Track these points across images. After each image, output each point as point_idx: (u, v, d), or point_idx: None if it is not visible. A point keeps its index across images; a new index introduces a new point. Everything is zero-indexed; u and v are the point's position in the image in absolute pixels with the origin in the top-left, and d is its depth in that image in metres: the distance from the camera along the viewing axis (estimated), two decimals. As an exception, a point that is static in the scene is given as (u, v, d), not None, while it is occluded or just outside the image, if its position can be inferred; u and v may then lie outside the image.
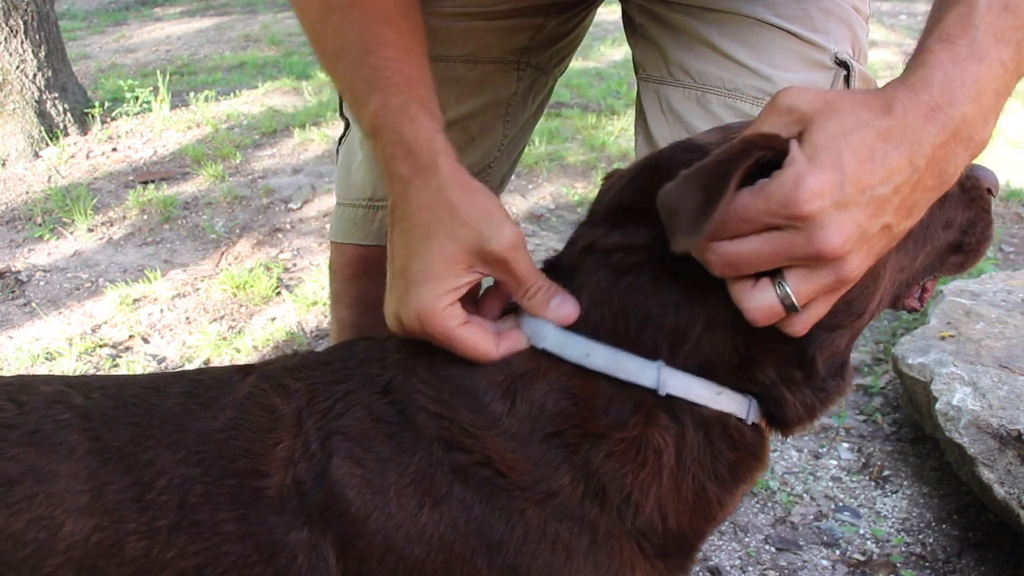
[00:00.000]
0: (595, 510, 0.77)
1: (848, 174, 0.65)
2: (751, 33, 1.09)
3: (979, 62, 0.68)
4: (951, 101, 0.67)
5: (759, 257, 0.68)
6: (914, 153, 0.66)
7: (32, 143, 3.97)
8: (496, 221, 0.81)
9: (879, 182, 0.66)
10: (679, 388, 0.77)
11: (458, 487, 0.76)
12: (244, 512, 0.77)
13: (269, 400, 0.83)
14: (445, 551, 0.75)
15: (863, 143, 0.66)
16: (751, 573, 1.72)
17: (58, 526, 0.76)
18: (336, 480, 0.77)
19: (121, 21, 7.63)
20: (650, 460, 0.77)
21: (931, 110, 0.67)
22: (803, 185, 0.64)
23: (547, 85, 1.35)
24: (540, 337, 0.80)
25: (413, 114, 0.86)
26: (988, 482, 1.64)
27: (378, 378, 0.82)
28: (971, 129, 0.68)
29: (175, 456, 0.79)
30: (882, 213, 0.67)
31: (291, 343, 2.55)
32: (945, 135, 0.67)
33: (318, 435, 0.79)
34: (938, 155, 0.67)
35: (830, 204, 0.64)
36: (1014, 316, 2.12)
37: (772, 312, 0.70)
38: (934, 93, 0.67)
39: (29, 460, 0.78)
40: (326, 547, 0.76)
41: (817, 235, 0.65)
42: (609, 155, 4.05)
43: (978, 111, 0.68)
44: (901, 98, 0.67)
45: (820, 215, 0.64)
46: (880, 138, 0.66)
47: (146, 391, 0.85)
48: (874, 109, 0.67)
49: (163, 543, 0.76)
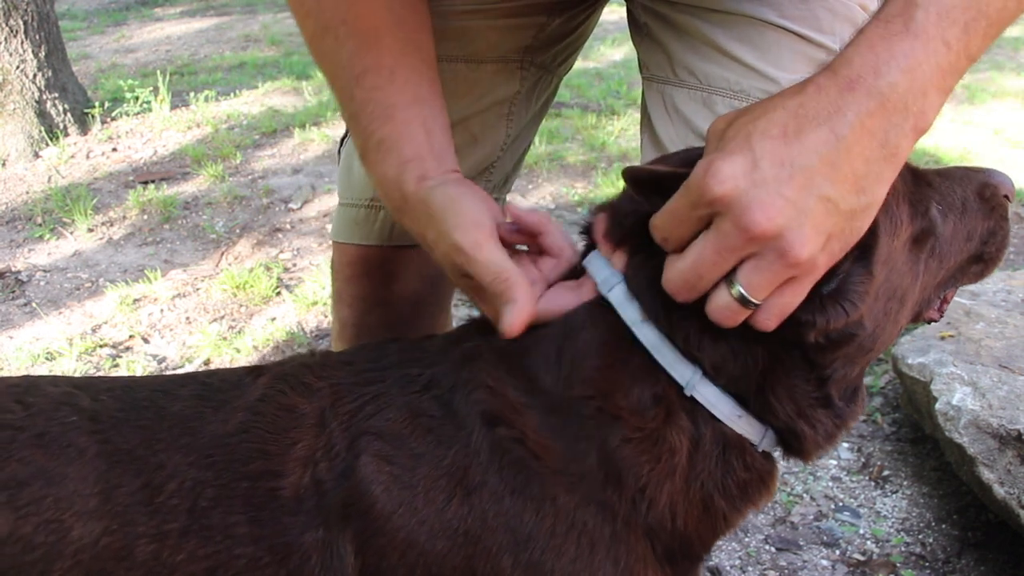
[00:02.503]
0: (615, 496, 0.76)
1: (760, 152, 0.65)
2: (756, 34, 1.09)
3: (914, 37, 0.66)
4: (876, 72, 0.66)
5: (704, 263, 0.68)
6: (834, 123, 0.65)
7: (32, 143, 3.97)
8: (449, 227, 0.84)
9: (798, 155, 0.64)
10: (704, 396, 0.77)
11: (492, 476, 0.75)
12: (257, 514, 0.77)
13: (288, 399, 0.82)
14: (469, 545, 0.75)
15: (772, 123, 0.66)
16: (751, 573, 1.72)
17: (67, 529, 0.75)
18: (362, 478, 0.76)
19: (121, 21, 7.63)
20: (664, 457, 0.77)
21: (850, 82, 0.66)
22: (712, 168, 0.65)
23: (551, 84, 1.35)
24: (609, 285, 0.79)
25: (384, 153, 0.91)
26: (988, 482, 1.64)
27: (419, 377, 0.82)
28: (905, 99, 0.66)
29: (186, 459, 0.78)
30: (811, 184, 0.65)
31: (291, 343, 2.55)
32: (872, 104, 0.65)
33: (344, 435, 0.79)
34: (869, 124, 0.65)
35: (746, 183, 0.64)
36: (1014, 316, 2.12)
37: (730, 311, 0.69)
38: (854, 68, 0.66)
39: (37, 463, 0.77)
40: (344, 545, 0.76)
41: (742, 217, 0.64)
42: (609, 155, 4.05)
43: (912, 82, 0.66)
44: (816, 79, 0.68)
45: (738, 194, 0.64)
46: (791, 116, 0.66)
47: (155, 393, 0.84)
48: (785, 94, 0.68)
49: (173, 546, 0.76)
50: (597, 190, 3.64)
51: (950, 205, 0.83)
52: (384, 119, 0.92)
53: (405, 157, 0.90)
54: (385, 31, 0.93)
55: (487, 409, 0.77)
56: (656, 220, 0.72)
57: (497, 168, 1.34)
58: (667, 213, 0.70)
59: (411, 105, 0.93)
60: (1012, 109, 5.13)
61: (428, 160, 0.90)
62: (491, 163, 1.32)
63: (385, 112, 0.92)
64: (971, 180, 0.86)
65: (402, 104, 0.92)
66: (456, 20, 1.17)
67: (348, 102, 0.95)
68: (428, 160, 0.90)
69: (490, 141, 1.30)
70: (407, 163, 0.90)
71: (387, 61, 0.93)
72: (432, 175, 0.89)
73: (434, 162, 0.91)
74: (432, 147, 0.92)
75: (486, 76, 1.23)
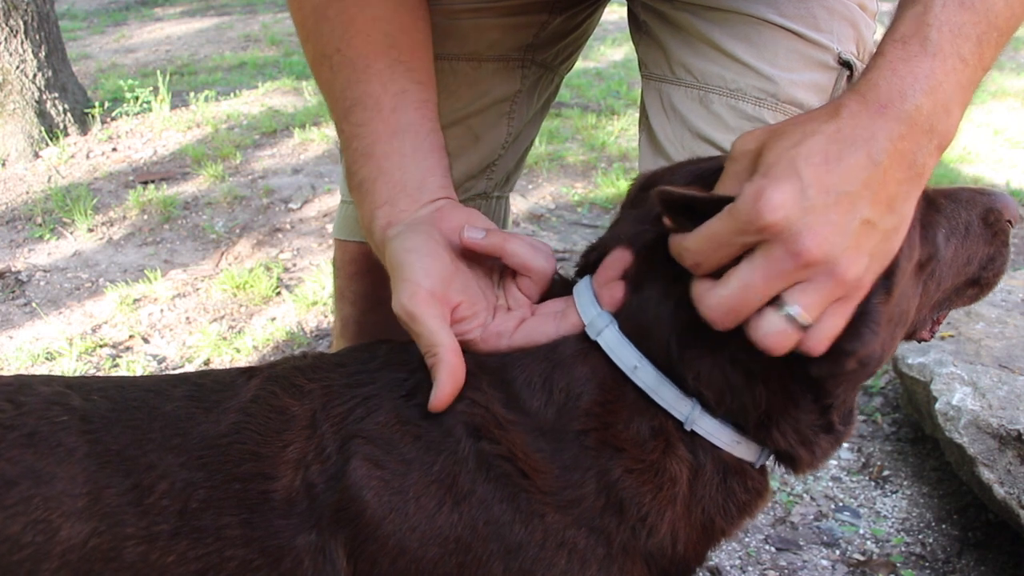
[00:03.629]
0: (613, 523, 0.76)
1: (807, 179, 0.65)
2: (754, 32, 1.09)
3: (932, 57, 0.68)
4: (902, 96, 0.67)
5: (751, 288, 0.67)
6: (871, 148, 0.66)
7: (32, 143, 3.97)
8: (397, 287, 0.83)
9: (841, 180, 0.66)
10: (704, 428, 0.77)
11: (480, 485, 0.75)
12: (249, 516, 0.76)
13: (280, 401, 0.81)
14: (461, 553, 0.74)
15: (814, 148, 0.66)
16: (751, 573, 1.72)
17: (55, 530, 0.74)
18: (354, 483, 0.75)
19: (121, 21, 7.63)
20: (666, 486, 0.77)
21: (881, 107, 0.67)
22: (764, 197, 0.64)
23: (552, 83, 1.35)
24: (596, 329, 0.78)
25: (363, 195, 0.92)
26: (988, 482, 1.64)
27: (405, 381, 0.81)
28: (930, 120, 0.68)
29: (177, 460, 0.78)
30: (855, 208, 0.66)
31: (291, 343, 2.55)
32: (902, 128, 0.67)
33: (335, 438, 0.78)
34: (900, 147, 0.67)
35: (797, 210, 0.65)
36: (1014, 316, 2.12)
37: (785, 336, 0.68)
38: (881, 92, 0.68)
39: (27, 462, 0.77)
40: (336, 550, 0.75)
41: (794, 242, 0.65)
42: (609, 155, 4.05)
43: (935, 103, 0.68)
44: (847, 103, 0.69)
45: (790, 222, 0.64)
46: (830, 141, 0.67)
47: (147, 394, 0.84)
48: (819, 118, 0.68)
49: (163, 548, 0.75)
50: (597, 190, 3.64)
51: (954, 229, 0.83)
52: (365, 157, 0.92)
53: (377, 202, 0.90)
54: (376, 56, 0.93)
55: (470, 421, 0.77)
56: (690, 244, 0.70)
57: (499, 166, 1.34)
58: (705, 238, 0.69)
59: (393, 137, 0.92)
60: (1012, 109, 5.12)
61: (399, 201, 0.89)
62: (493, 161, 1.32)
63: (367, 149, 0.92)
64: (976, 204, 0.86)
65: (384, 137, 0.92)
66: (458, 19, 1.17)
67: (339, 135, 0.96)
68: (399, 201, 0.89)
69: (491, 139, 1.30)
70: (377, 209, 0.89)
71: (375, 90, 0.92)
72: (398, 220, 0.88)
73: (406, 200, 0.89)
74: (406, 183, 0.90)
75: (487, 74, 1.24)
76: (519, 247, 0.84)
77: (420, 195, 0.89)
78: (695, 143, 1.12)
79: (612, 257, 0.81)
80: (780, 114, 1.08)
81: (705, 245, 0.69)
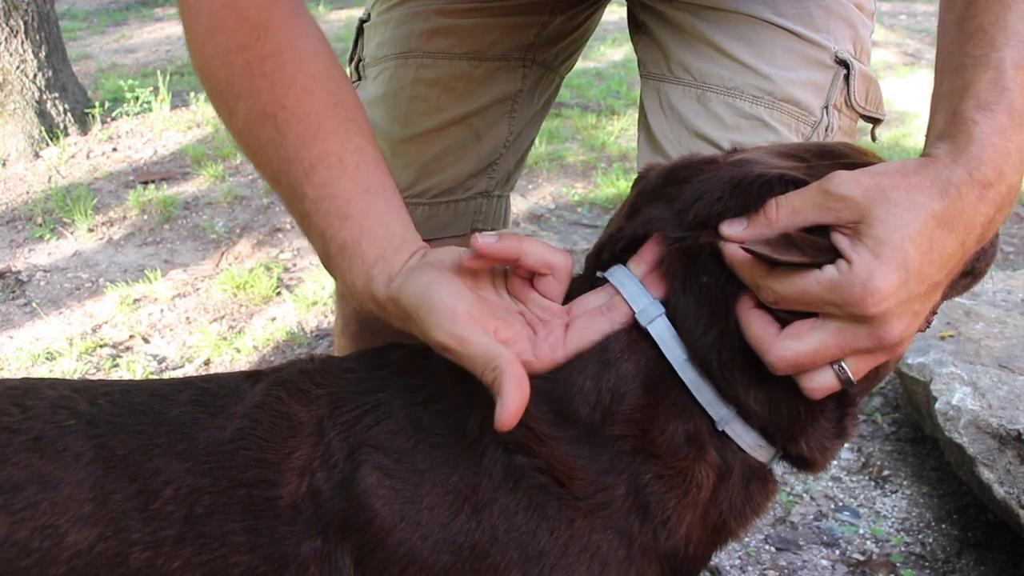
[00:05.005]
0: (636, 525, 0.76)
1: (912, 270, 0.66)
2: (752, 32, 1.09)
3: (1019, 129, 0.67)
4: (1000, 176, 0.67)
5: (824, 352, 0.69)
6: (967, 235, 0.67)
7: (32, 143, 3.97)
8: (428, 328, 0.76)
9: (936, 271, 0.67)
10: (734, 431, 0.77)
11: (503, 494, 0.74)
12: (254, 522, 0.76)
13: (286, 407, 0.80)
14: (476, 560, 0.73)
15: (923, 233, 0.66)
16: (751, 573, 1.72)
17: (62, 535, 0.75)
18: (363, 491, 0.75)
19: (121, 21, 7.63)
20: (692, 492, 0.77)
21: (983, 188, 0.67)
22: (871, 286, 0.65)
23: (553, 82, 1.36)
24: (649, 316, 0.76)
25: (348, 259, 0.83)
26: (988, 482, 1.64)
27: (422, 388, 0.80)
28: (1014, 198, 0.69)
29: (183, 465, 0.78)
30: (934, 295, 0.69)
31: (291, 343, 2.55)
32: (993, 210, 0.68)
33: (343, 445, 0.77)
34: (985, 231, 0.69)
35: (896, 303, 0.66)
36: (1014, 316, 2.12)
37: (831, 389, 0.72)
38: (986, 171, 0.67)
39: (33, 466, 0.77)
40: (343, 558, 0.75)
41: (882, 330, 0.67)
42: (609, 155, 4.05)
43: (1019, 175, 0.68)
44: (956, 180, 0.67)
45: (887, 314, 0.66)
46: (938, 225, 0.66)
47: (152, 398, 0.84)
48: (929, 192, 0.67)
49: (168, 554, 0.75)
50: (597, 190, 3.64)
51: None
52: (341, 219, 0.84)
53: (369, 261, 0.82)
54: (326, 115, 0.85)
55: (508, 439, 0.75)
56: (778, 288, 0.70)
57: (500, 165, 1.34)
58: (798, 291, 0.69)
59: (364, 195, 0.85)
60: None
61: (391, 256, 0.83)
62: (494, 160, 1.33)
63: (340, 211, 0.84)
64: None
65: (356, 196, 0.85)
66: (460, 18, 1.18)
67: (298, 201, 0.86)
68: (391, 256, 0.83)
69: (492, 138, 1.30)
70: (372, 267, 0.82)
71: (334, 147, 0.85)
72: (397, 270, 0.82)
73: (396, 254, 0.83)
74: (391, 239, 0.84)
75: (489, 73, 1.24)
76: (536, 245, 0.80)
77: (405, 248, 0.84)
78: (692, 141, 1.12)
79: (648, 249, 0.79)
80: (777, 112, 1.09)
81: (794, 296, 0.69)
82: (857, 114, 1.14)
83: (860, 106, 1.13)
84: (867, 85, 1.13)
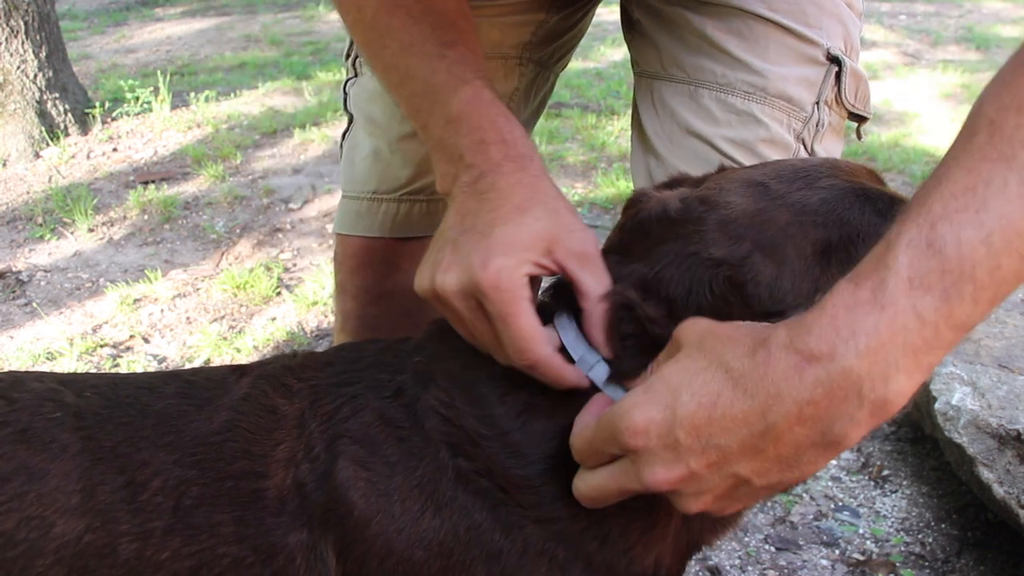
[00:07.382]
0: (595, 546, 0.76)
1: (681, 417, 0.60)
2: (745, 27, 1.10)
3: (881, 311, 0.55)
4: (831, 354, 0.56)
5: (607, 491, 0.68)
6: (769, 407, 0.58)
7: (33, 143, 3.97)
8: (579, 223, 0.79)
9: (718, 432, 0.59)
10: None
11: (461, 493, 0.75)
12: (241, 513, 0.76)
13: (270, 400, 0.82)
14: (444, 557, 0.75)
15: (708, 385, 0.60)
16: (751, 573, 1.72)
17: (49, 526, 0.75)
18: (341, 483, 0.76)
19: (121, 21, 7.63)
20: (660, 522, 0.77)
21: (802, 361, 0.57)
22: (628, 419, 0.62)
23: (548, 81, 1.36)
24: (587, 365, 0.74)
25: (504, 111, 0.86)
26: (987, 482, 1.64)
27: (390, 382, 0.81)
28: (859, 386, 0.56)
29: (170, 457, 0.78)
30: (725, 464, 0.60)
31: (291, 343, 2.56)
32: (817, 392, 0.57)
33: (323, 437, 0.78)
34: (808, 412, 0.57)
35: (657, 443, 0.61)
36: (1013, 316, 2.12)
37: None
38: (811, 343, 0.57)
39: (20, 458, 0.77)
40: (326, 549, 0.76)
41: (643, 471, 0.63)
42: (609, 155, 4.05)
43: (871, 367, 0.55)
44: (775, 341, 0.59)
45: (646, 453, 0.62)
46: (730, 383, 0.59)
47: (139, 391, 0.84)
48: (736, 347, 0.61)
49: (157, 544, 0.76)
50: (597, 190, 3.64)
51: None
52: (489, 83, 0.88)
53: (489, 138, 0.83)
54: (458, 17, 0.90)
55: (444, 439, 0.77)
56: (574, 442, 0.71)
57: None
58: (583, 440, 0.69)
59: None
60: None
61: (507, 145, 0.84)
62: None
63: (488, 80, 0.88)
64: None
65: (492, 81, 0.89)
66: None
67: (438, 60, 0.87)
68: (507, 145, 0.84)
69: None
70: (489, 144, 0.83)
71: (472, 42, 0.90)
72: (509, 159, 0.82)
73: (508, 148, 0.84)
74: None
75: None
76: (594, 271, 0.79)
77: None
78: (683, 137, 1.13)
79: None
80: (769, 107, 1.09)
81: (582, 447, 0.70)
82: (847, 111, 1.15)
83: (850, 103, 1.14)
84: (857, 83, 1.14)
